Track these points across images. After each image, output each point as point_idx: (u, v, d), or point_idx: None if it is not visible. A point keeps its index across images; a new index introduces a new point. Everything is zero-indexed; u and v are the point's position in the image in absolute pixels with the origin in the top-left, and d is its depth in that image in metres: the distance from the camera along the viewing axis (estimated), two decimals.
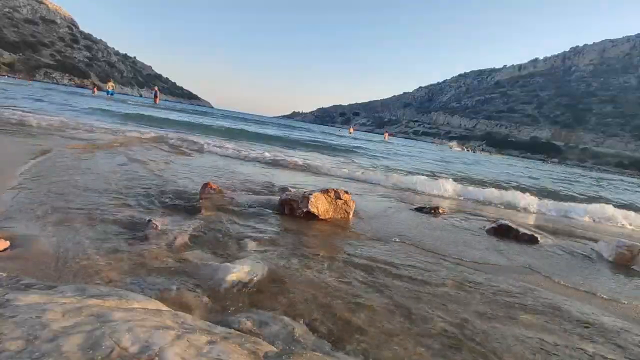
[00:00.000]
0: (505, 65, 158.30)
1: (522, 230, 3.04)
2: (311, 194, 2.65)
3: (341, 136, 23.89)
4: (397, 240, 2.44)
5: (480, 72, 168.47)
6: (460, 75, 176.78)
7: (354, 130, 43.25)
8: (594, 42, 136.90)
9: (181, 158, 4.95)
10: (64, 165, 3.19)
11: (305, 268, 1.71)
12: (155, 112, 14.42)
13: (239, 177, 4.05)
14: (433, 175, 7.19)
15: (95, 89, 28.77)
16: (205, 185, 2.75)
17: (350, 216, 2.80)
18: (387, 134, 36.99)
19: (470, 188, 5.42)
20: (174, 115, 14.90)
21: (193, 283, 1.39)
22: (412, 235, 2.64)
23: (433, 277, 1.85)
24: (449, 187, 5.14)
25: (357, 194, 3.80)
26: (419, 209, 3.67)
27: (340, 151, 11.38)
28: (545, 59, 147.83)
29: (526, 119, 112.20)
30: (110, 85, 27.55)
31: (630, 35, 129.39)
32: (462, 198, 5.00)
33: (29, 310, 0.81)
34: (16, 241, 1.52)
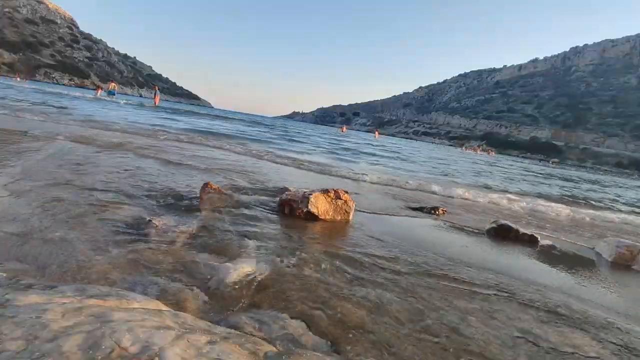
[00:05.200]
0: (505, 65, 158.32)
1: (522, 230, 3.04)
2: (311, 194, 2.65)
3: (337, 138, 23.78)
4: (396, 240, 2.44)
5: (480, 72, 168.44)
6: (460, 75, 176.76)
7: (347, 129, 45.22)
8: (594, 42, 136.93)
9: None
10: None
11: (306, 268, 1.71)
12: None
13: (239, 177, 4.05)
14: None
15: (99, 90, 28.81)
16: (206, 185, 2.75)
17: (350, 216, 2.79)
18: (377, 133, 43.60)
19: None
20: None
21: (193, 283, 1.39)
22: (412, 235, 2.64)
23: (432, 276, 1.85)
24: None
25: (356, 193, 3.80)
26: (419, 209, 3.67)
27: None
28: (545, 59, 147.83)
29: (526, 119, 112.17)
30: (112, 86, 27.61)
31: (630, 35, 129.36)
32: None
33: (29, 310, 0.81)
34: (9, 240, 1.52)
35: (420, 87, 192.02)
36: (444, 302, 1.56)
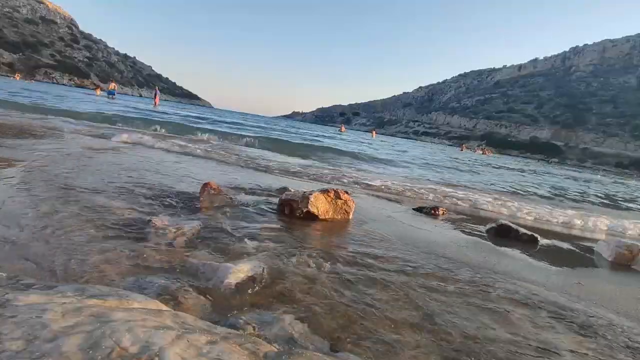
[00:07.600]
0: (505, 65, 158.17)
1: (522, 230, 3.04)
2: (311, 194, 2.65)
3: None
4: (396, 240, 2.44)
5: (480, 72, 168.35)
6: (460, 75, 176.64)
7: (345, 129, 45.28)
8: (594, 42, 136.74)
9: None
10: None
11: (306, 268, 1.71)
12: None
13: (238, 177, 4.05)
14: None
15: (98, 90, 28.87)
16: (205, 185, 2.75)
17: (350, 216, 2.80)
18: (374, 133, 45.82)
19: None
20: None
21: (193, 283, 1.39)
22: (411, 235, 2.64)
23: (430, 274, 1.85)
24: None
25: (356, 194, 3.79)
26: (419, 209, 3.67)
27: None
28: (545, 59, 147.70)
29: (526, 119, 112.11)
30: (112, 86, 27.68)
31: (630, 35, 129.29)
32: None
33: (29, 310, 0.81)
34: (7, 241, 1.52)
35: (420, 87, 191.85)
36: (446, 303, 1.56)
